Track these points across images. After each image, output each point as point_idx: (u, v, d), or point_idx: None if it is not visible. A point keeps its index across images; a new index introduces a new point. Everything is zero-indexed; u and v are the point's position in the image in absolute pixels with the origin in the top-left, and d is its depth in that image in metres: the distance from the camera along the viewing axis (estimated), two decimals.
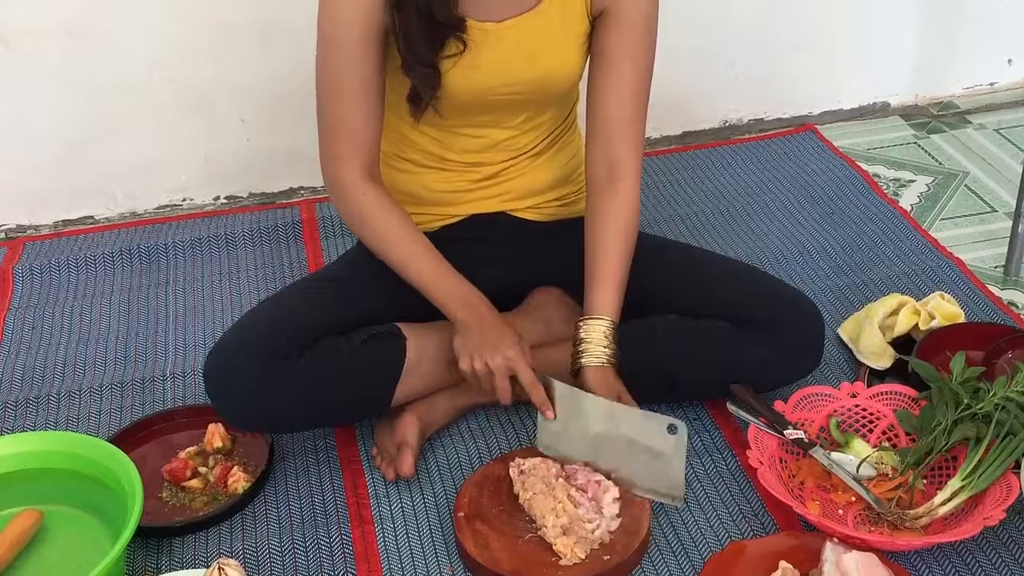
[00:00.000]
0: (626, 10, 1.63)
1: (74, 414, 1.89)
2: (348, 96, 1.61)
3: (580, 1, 1.63)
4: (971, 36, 2.70)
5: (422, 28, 1.54)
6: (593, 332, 1.65)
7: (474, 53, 1.59)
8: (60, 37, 2.26)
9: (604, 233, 1.68)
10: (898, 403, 1.71)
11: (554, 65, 1.66)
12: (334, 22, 1.59)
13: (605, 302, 1.66)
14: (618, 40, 1.64)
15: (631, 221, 1.69)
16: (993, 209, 2.34)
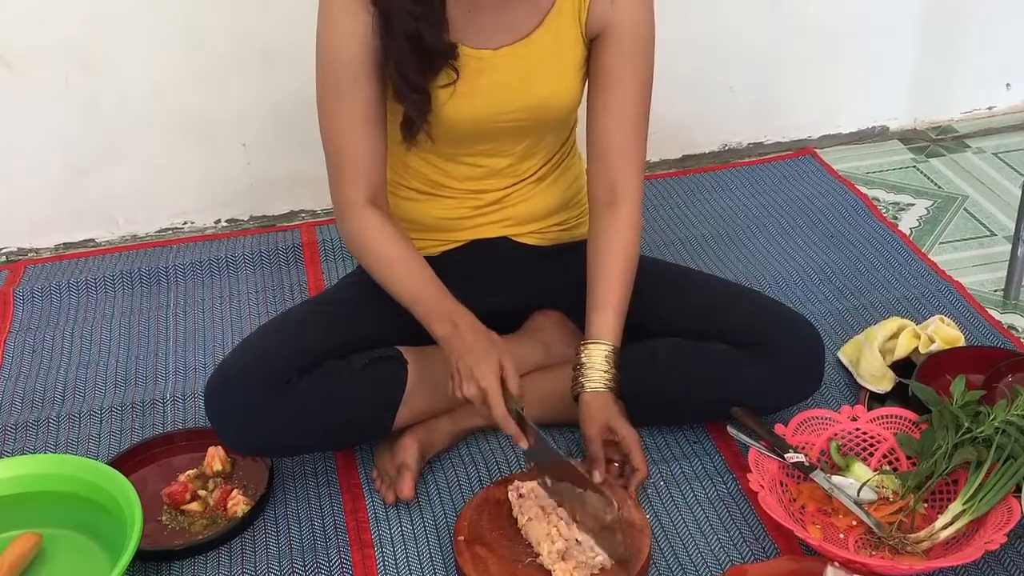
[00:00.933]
0: (622, 31, 1.63)
1: (74, 437, 1.88)
2: (348, 125, 1.62)
3: (575, 27, 1.63)
4: (969, 61, 2.71)
5: (412, 54, 1.54)
6: (593, 357, 1.65)
7: (470, 81, 1.59)
8: (64, 61, 2.27)
9: (605, 256, 1.68)
10: (898, 426, 1.71)
11: (551, 92, 1.66)
12: (331, 54, 1.60)
13: (605, 326, 1.66)
14: (615, 62, 1.65)
15: (632, 243, 1.69)
16: (992, 233, 2.35)
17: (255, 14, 2.30)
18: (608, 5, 1.61)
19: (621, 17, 1.62)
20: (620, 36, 1.63)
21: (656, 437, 1.78)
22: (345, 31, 1.57)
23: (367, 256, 1.67)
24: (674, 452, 1.76)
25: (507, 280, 1.81)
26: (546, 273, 1.83)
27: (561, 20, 1.62)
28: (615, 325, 1.67)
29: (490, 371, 1.53)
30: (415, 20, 1.51)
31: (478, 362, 1.54)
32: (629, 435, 1.64)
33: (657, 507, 1.67)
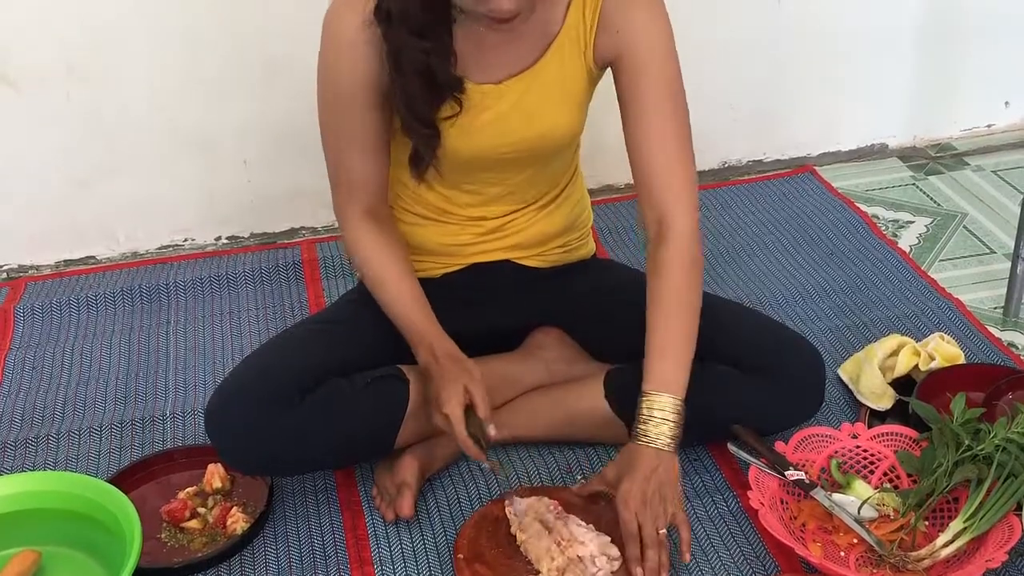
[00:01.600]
0: (635, 56, 1.58)
1: (73, 454, 1.88)
2: (347, 150, 1.63)
3: (579, 57, 1.61)
4: (968, 79, 2.72)
5: (423, 89, 1.54)
6: (659, 412, 1.54)
7: (472, 115, 1.59)
8: (65, 78, 2.28)
9: (662, 298, 1.58)
10: (899, 444, 1.71)
11: (552, 124, 1.64)
12: (332, 83, 1.60)
13: (668, 376, 1.55)
14: (637, 88, 1.59)
15: (687, 281, 1.59)
16: (992, 250, 2.35)
17: (256, 31, 2.30)
18: (613, 32, 1.58)
19: (632, 42, 1.58)
20: (634, 61, 1.58)
21: None
22: (352, 67, 1.57)
23: (360, 271, 1.68)
24: None
25: (508, 300, 1.81)
26: (547, 293, 1.83)
27: (565, 50, 1.60)
28: (676, 372, 1.54)
29: (454, 398, 1.54)
30: (425, 55, 1.51)
31: (444, 389, 1.55)
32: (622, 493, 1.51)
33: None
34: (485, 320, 1.72)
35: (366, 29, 1.53)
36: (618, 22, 1.58)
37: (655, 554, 1.49)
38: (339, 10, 1.57)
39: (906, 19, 2.63)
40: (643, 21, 1.58)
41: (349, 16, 1.55)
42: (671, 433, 1.53)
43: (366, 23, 1.53)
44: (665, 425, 1.53)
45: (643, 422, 1.54)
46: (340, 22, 1.56)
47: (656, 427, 1.53)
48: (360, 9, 1.53)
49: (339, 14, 1.56)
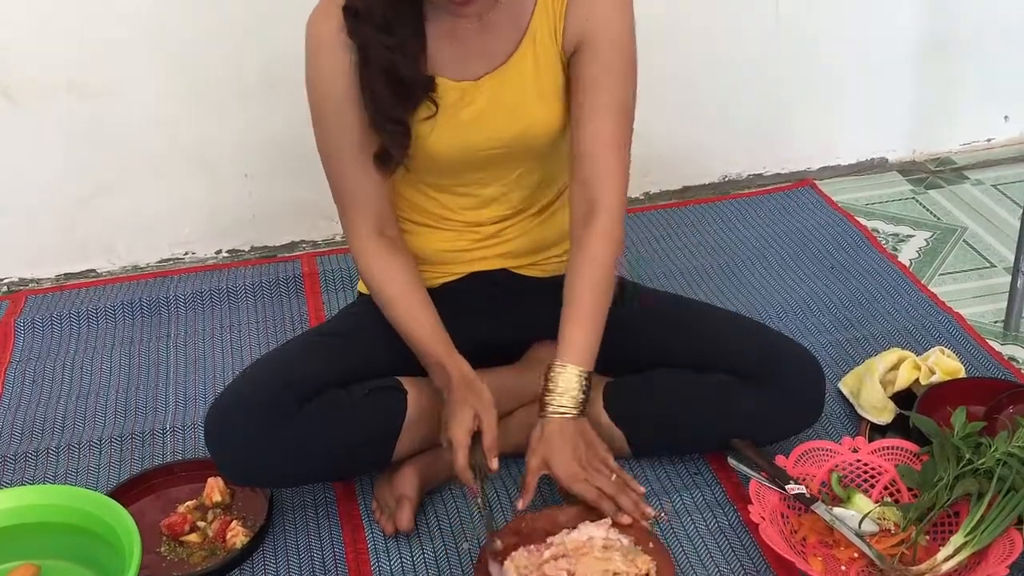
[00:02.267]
0: (597, 39, 1.59)
1: (73, 467, 1.88)
2: (346, 161, 1.63)
3: (553, 47, 1.62)
4: (968, 93, 2.72)
5: (388, 86, 1.55)
6: (563, 380, 1.59)
7: (451, 113, 1.60)
8: (65, 92, 2.28)
9: (579, 274, 1.62)
10: (899, 458, 1.70)
11: (531, 119, 1.65)
12: (317, 92, 1.61)
13: (578, 347, 1.60)
14: (591, 70, 1.60)
15: (607, 256, 1.62)
16: (992, 264, 2.35)
17: (257, 45, 2.31)
18: (583, 20, 1.59)
19: (596, 26, 1.59)
20: (596, 45, 1.60)
21: (656, 468, 1.78)
22: (331, 70, 1.58)
23: (373, 292, 1.68)
24: (674, 483, 1.76)
25: (506, 311, 1.81)
26: (545, 304, 1.82)
27: (538, 43, 1.61)
28: (584, 340, 1.60)
29: (461, 424, 1.55)
30: (390, 52, 1.52)
31: (453, 414, 1.56)
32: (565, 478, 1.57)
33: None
34: (484, 332, 1.72)
35: (340, 33, 1.55)
36: (585, 9, 1.59)
37: (625, 497, 1.59)
38: (317, 16, 1.59)
39: (906, 34, 2.63)
40: (607, 8, 1.59)
41: (326, 20, 1.56)
42: (576, 402, 1.59)
43: (340, 27, 1.55)
44: (570, 396, 1.59)
45: (552, 394, 1.59)
46: (319, 27, 1.58)
47: (563, 399, 1.59)
48: (332, 16, 1.55)
49: (317, 20, 1.59)
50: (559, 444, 1.59)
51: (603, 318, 1.63)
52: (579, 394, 1.60)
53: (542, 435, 1.60)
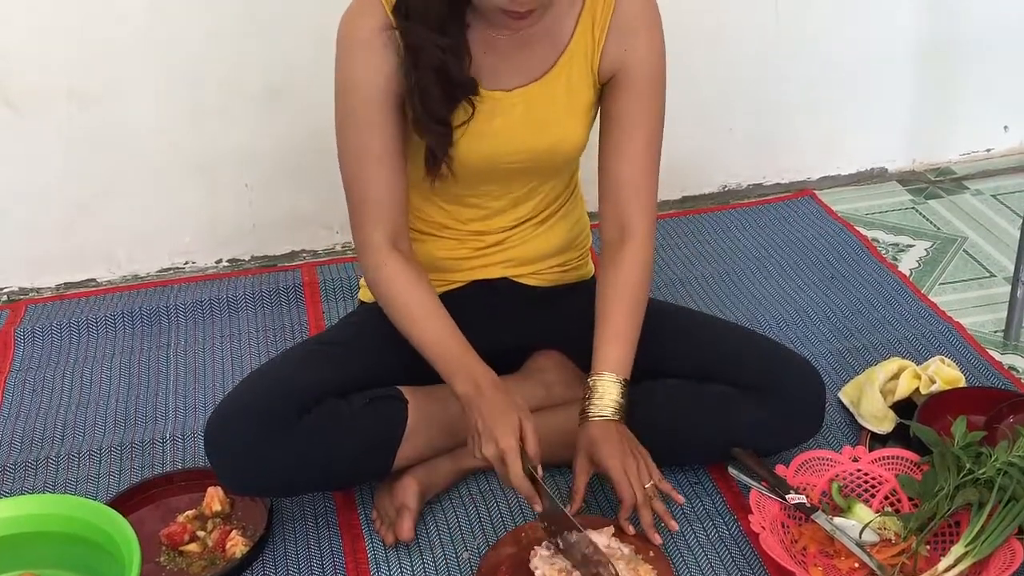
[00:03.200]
0: (636, 74, 1.64)
1: (73, 477, 1.88)
2: (370, 163, 1.62)
3: (587, 71, 1.64)
4: (967, 103, 2.73)
5: (438, 87, 1.55)
6: (601, 387, 1.64)
7: (482, 121, 1.60)
8: (66, 101, 2.29)
9: (614, 291, 1.67)
10: (900, 468, 1.70)
11: (560, 135, 1.67)
12: (352, 91, 1.60)
13: (614, 358, 1.65)
14: (628, 103, 1.65)
15: (641, 278, 1.69)
16: (992, 274, 2.35)
17: (259, 55, 2.32)
18: (621, 50, 1.63)
19: (635, 60, 1.63)
20: (633, 78, 1.64)
21: None
22: (368, 68, 1.57)
23: (386, 302, 1.66)
24: None
25: (507, 320, 1.81)
26: (546, 313, 1.83)
27: (574, 63, 1.63)
28: (622, 356, 1.65)
29: (510, 431, 1.53)
30: (442, 52, 1.52)
31: (498, 422, 1.53)
32: (611, 465, 1.59)
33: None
34: (484, 341, 1.72)
35: (381, 32, 1.55)
36: (625, 41, 1.62)
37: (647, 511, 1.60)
38: (353, 15, 1.59)
39: (905, 44, 2.64)
40: (646, 42, 1.64)
41: (364, 19, 1.56)
42: (616, 406, 1.64)
43: (381, 27, 1.55)
44: (614, 400, 1.63)
45: (592, 401, 1.64)
46: (355, 25, 1.57)
47: (607, 403, 1.63)
48: (374, 13, 1.55)
49: (353, 18, 1.58)
50: (605, 438, 1.61)
51: (636, 337, 1.68)
52: (619, 399, 1.64)
53: (587, 435, 1.63)
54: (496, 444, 1.52)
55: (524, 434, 1.54)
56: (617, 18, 1.62)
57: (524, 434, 1.54)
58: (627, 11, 1.62)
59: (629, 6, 1.62)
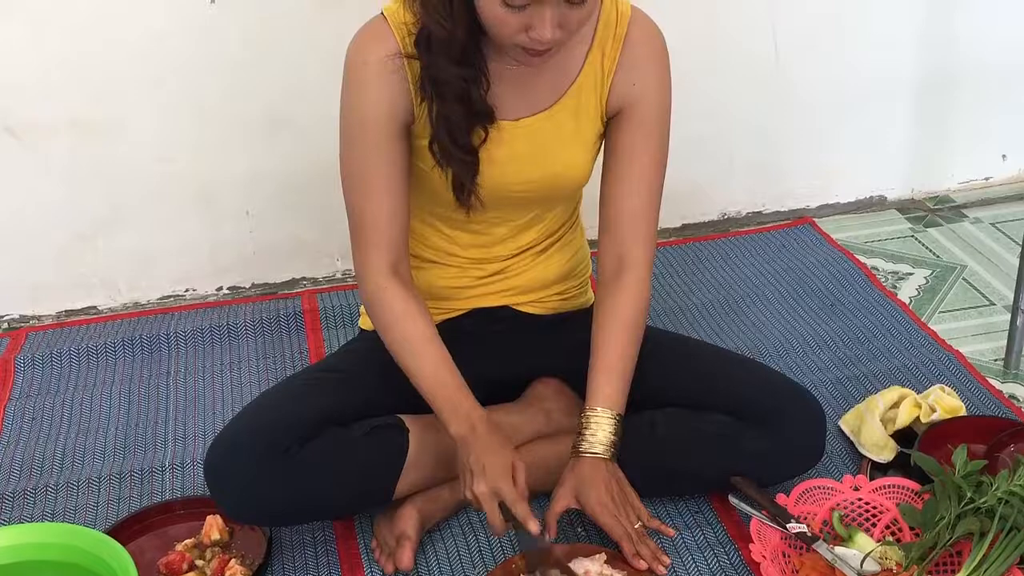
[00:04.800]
0: (642, 109, 1.65)
1: (71, 505, 1.87)
2: (374, 190, 1.62)
3: (595, 103, 1.65)
4: (966, 132, 2.74)
5: (463, 116, 1.55)
6: (595, 423, 1.64)
7: (489, 150, 1.61)
8: (69, 129, 2.29)
9: (610, 323, 1.68)
10: (901, 496, 1.70)
11: (565, 166, 1.67)
12: (359, 118, 1.60)
13: (608, 392, 1.65)
14: (633, 136, 1.66)
15: (638, 311, 1.69)
16: (991, 302, 2.36)
17: (260, 83, 2.33)
18: (630, 84, 1.64)
19: (642, 94, 1.64)
20: (640, 112, 1.65)
21: (657, 506, 1.77)
22: (376, 94, 1.58)
23: (383, 329, 1.66)
24: (675, 522, 1.75)
25: (507, 348, 1.82)
26: (546, 341, 1.83)
27: (582, 95, 1.64)
28: (617, 391, 1.66)
29: (504, 475, 1.54)
30: (465, 83, 1.53)
31: (490, 463, 1.54)
32: (599, 511, 1.61)
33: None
34: (485, 369, 1.72)
35: (391, 59, 1.56)
36: (634, 75, 1.64)
37: (644, 547, 1.62)
38: (364, 41, 1.59)
39: (904, 73, 2.65)
40: (655, 77, 1.65)
41: (374, 45, 1.57)
42: (608, 444, 1.64)
43: (391, 54, 1.55)
44: (606, 437, 1.64)
45: (585, 437, 1.65)
46: (366, 51, 1.58)
47: (600, 439, 1.64)
48: (384, 39, 1.56)
49: (364, 44, 1.59)
50: (592, 479, 1.62)
51: (631, 368, 1.68)
52: (611, 436, 1.64)
53: (574, 471, 1.64)
54: (488, 483, 1.54)
55: (515, 474, 1.56)
56: (626, 52, 1.63)
57: (515, 474, 1.56)
58: (636, 46, 1.63)
59: (639, 41, 1.63)
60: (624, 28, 1.63)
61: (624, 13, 1.63)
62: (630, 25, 1.63)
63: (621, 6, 1.64)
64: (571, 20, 1.45)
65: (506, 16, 1.43)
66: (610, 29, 1.63)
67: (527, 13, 1.43)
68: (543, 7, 1.42)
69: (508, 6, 1.42)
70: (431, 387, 1.62)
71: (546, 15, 1.42)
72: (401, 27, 1.56)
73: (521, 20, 1.44)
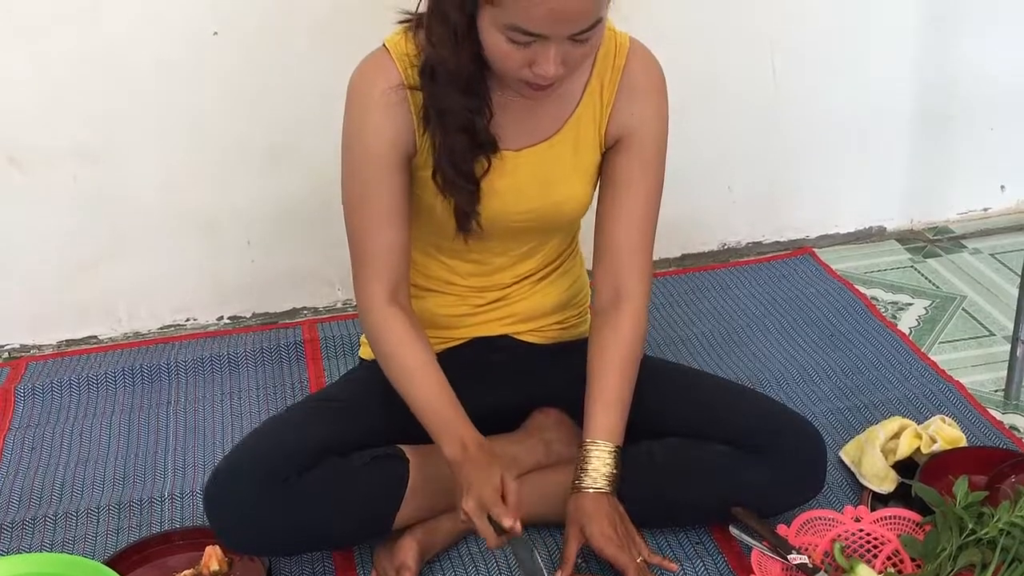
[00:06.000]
0: (639, 140, 1.66)
1: (71, 536, 1.87)
2: (376, 220, 1.63)
3: (594, 133, 1.66)
4: (964, 163, 2.75)
5: (466, 147, 1.56)
6: (594, 457, 1.64)
7: (491, 180, 1.61)
8: (71, 159, 2.30)
9: (607, 354, 1.68)
10: (902, 527, 1.69)
11: (565, 196, 1.68)
12: (358, 146, 1.61)
13: (607, 425, 1.65)
14: (630, 167, 1.67)
15: (633, 341, 1.69)
16: (991, 333, 2.36)
17: (261, 113, 2.33)
18: (628, 115, 1.65)
19: (640, 124, 1.66)
20: (637, 143, 1.66)
21: (657, 538, 1.77)
22: (378, 124, 1.58)
23: (382, 355, 1.66)
24: (676, 553, 1.75)
25: (507, 378, 1.82)
26: (546, 371, 1.83)
27: (581, 126, 1.65)
28: (616, 424, 1.66)
29: (491, 485, 1.53)
30: (470, 113, 1.54)
31: (478, 478, 1.54)
32: (604, 545, 1.60)
33: None
34: (485, 398, 1.72)
35: (394, 91, 1.57)
36: (632, 106, 1.65)
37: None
38: (367, 72, 1.60)
39: (902, 104, 2.66)
40: (652, 108, 1.67)
41: (377, 76, 1.58)
42: (611, 476, 1.64)
43: (394, 85, 1.56)
44: (606, 470, 1.64)
45: (586, 471, 1.64)
46: (369, 82, 1.59)
47: (601, 473, 1.64)
48: (388, 71, 1.57)
49: (367, 75, 1.60)
50: (595, 512, 1.61)
51: (629, 399, 1.68)
52: (611, 470, 1.64)
53: (576, 506, 1.63)
54: (476, 496, 1.52)
55: (504, 489, 1.54)
56: (625, 83, 1.64)
57: (504, 489, 1.54)
58: (635, 76, 1.65)
59: (637, 71, 1.65)
60: (623, 59, 1.64)
61: (623, 44, 1.65)
62: (629, 56, 1.64)
63: (620, 38, 1.65)
64: (574, 57, 1.47)
65: (510, 51, 1.45)
66: (609, 60, 1.64)
67: (531, 49, 1.44)
68: (547, 44, 1.43)
69: (513, 42, 1.43)
70: (427, 411, 1.62)
71: (550, 51, 1.44)
72: (403, 58, 1.57)
73: (525, 55, 1.45)
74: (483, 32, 1.46)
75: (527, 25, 1.41)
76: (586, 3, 1.40)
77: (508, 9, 1.40)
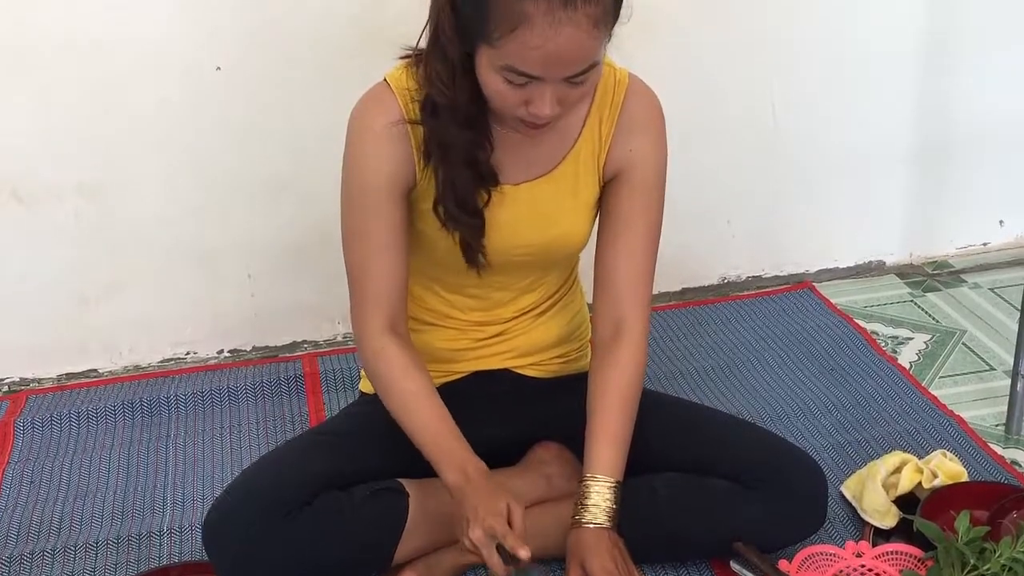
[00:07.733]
0: (638, 174, 1.67)
1: (69, 570, 1.86)
2: (375, 252, 1.63)
3: (593, 168, 1.67)
4: (963, 197, 2.76)
5: (469, 180, 1.57)
6: (595, 492, 1.64)
7: (492, 214, 1.62)
8: (72, 194, 2.31)
9: (607, 388, 1.68)
10: (904, 563, 1.69)
11: (564, 230, 1.69)
12: (361, 180, 1.62)
13: (607, 460, 1.65)
14: (629, 201, 1.68)
15: (635, 377, 1.69)
16: (991, 367, 2.36)
17: (263, 147, 2.35)
18: (627, 150, 1.66)
19: (639, 159, 1.67)
20: (636, 177, 1.67)
21: (659, 573, 1.76)
22: (378, 158, 1.59)
23: (381, 386, 1.67)
24: None
25: (507, 412, 1.82)
26: (547, 405, 1.83)
27: (580, 160, 1.66)
28: (616, 458, 1.65)
29: (496, 513, 1.51)
30: (472, 147, 1.56)
31: (483, 506, 1.52)
32: (600, 573, 1.59)
33: None
34: (485, 433, 1.72)
35: (395, 126, 1.58)
36: (631, 141, 1.66)
37: None
38: (368, 106, 1.61)
39: (901, 139, 2.68)
40: (652, 143, 1.67)
41: (378, 110, 1.59)
42: (611, 511, 1.63)
43: (394, 120, 1.58)
44: (607, 506, 1.63)
45: (586, 507, 1.63)
46: (370, 117, 1.60)
47: (602, 508, 1.63)
48: (388, 105, 1.58)
49: (368, 109, 1.61)
50: (595, 547, 1.60)
51: (629, 433, 1.68)
52: (612, 505, 1.63)
53: (578, 541, 1.62)
54: (482, 523, 1.50)
55: (511, 517, 1.52)
56: (624, 118, 1.65)
57: (511, 517, 1.52)
58: (634, 111, 1.66)
59: (636, 106, 1.66)
60: (622, 95, 1.65)
61: (622, 80, 1.66)
62: (628, 92, 1.66)
63: (619, 73, 1.66)
64: (570, 97, 1.48)
65: (507, 91, 1.46)
66: (608, 95, 1.65)
67: (527, 89, 1.45)
68: (543, 85, 1.44)
69: (509, 82, 1.44)
70: (427, 439, 1.61)
71: (546, 92, 1.45)
72: (404, 93, 1.58)
73: (521, 95, 1.46)
74: (480, 71, 1.47)
75: (523, 67, 1.42)
76: (581, 48, 1.41)
77: (504, 51, 1.41)
